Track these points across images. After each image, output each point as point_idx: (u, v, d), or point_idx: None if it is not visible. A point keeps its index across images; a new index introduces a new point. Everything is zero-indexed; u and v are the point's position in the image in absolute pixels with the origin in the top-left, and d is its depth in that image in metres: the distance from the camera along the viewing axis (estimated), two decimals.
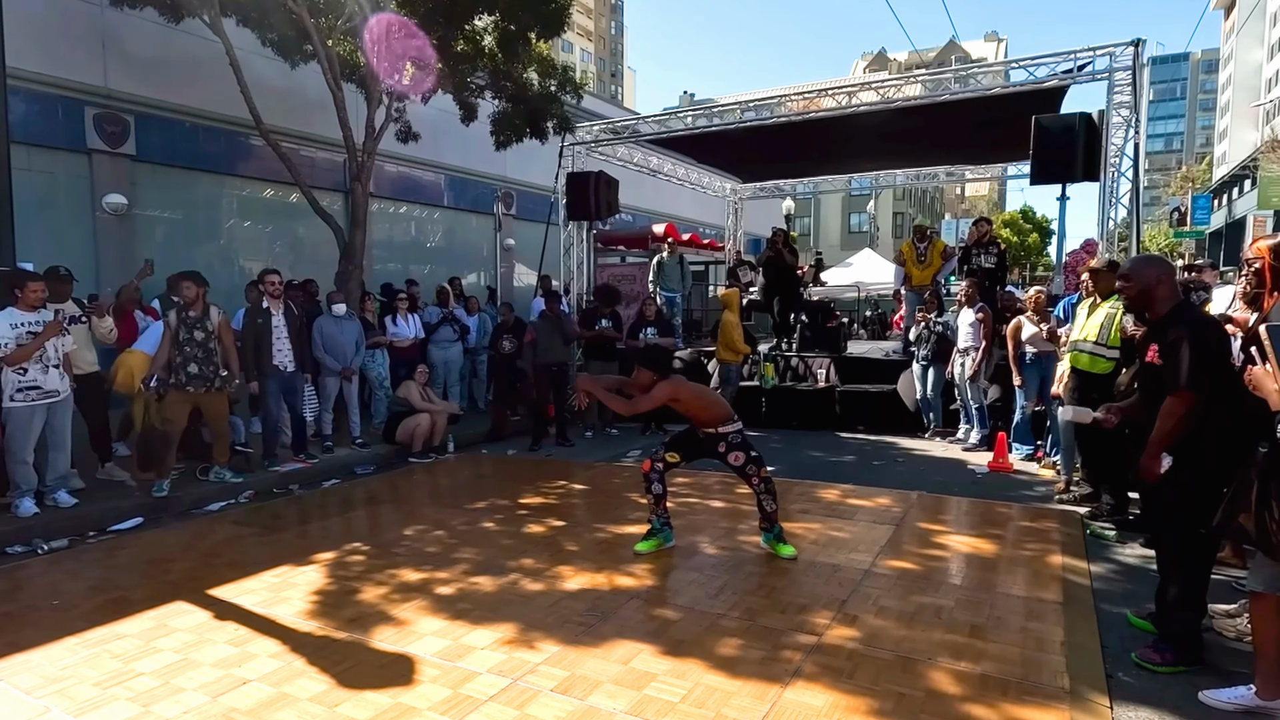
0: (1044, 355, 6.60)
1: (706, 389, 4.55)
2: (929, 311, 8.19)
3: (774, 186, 15.90)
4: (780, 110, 10.04)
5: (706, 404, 4.37)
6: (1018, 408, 7.08)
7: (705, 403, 4.37)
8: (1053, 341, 6.43)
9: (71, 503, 5.42)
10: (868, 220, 30.79)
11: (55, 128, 8.09)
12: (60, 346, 5.39)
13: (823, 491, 6.03)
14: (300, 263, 10.14)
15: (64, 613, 3.74)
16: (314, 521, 5.53)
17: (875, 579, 4.05)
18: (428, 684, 2.96)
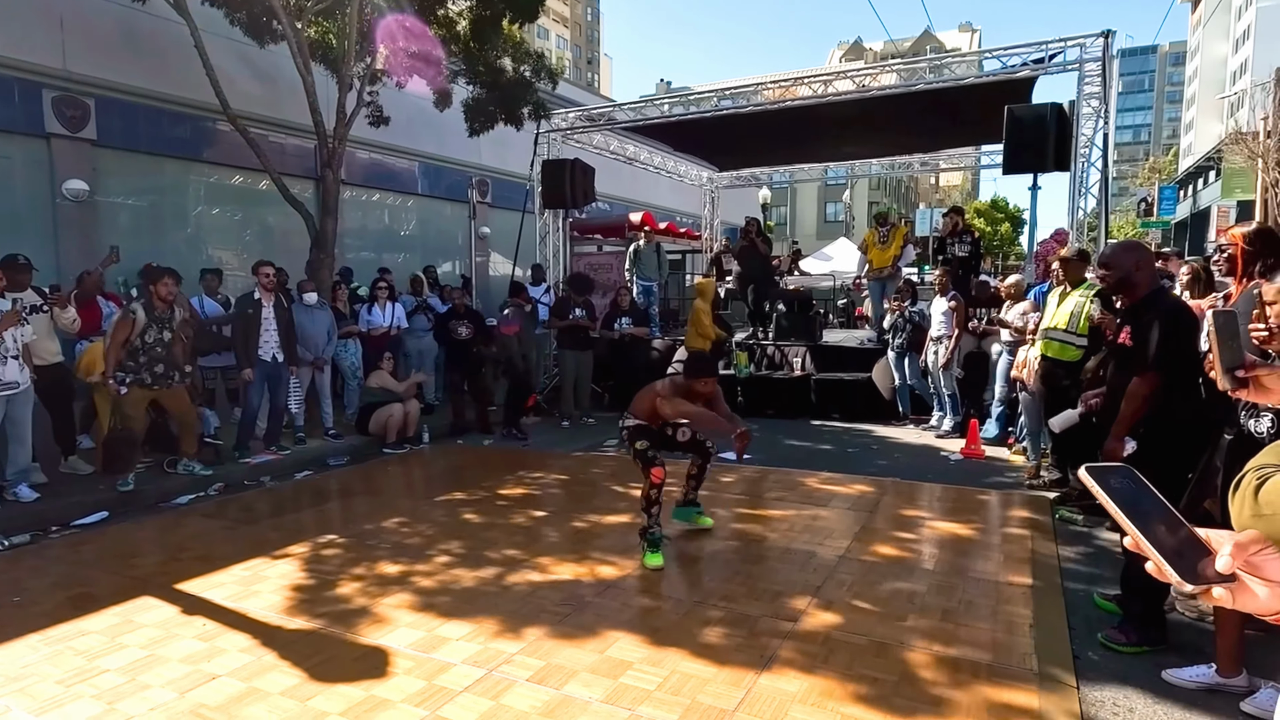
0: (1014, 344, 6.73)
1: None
2: (903, 300, 8.25)
3: (750, 175, 15.91)
4: (756, 98, 10.02)
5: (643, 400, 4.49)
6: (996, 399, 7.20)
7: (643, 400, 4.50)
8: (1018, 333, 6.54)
9: (33, 497, 5.28)
10: (843, 210, 30.96)
11: (12, 111, 7.84)
12: (19, 337, 5.23)
13: (799, 479, 6.07)
14: (269, 251, 9.90)
15: (26, 609, 3.64)
16: (286, 514, 5.44)
17: (850, 565, 4.08)
18: (402, 676, 2.93)
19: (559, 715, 2.63)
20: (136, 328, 5.65)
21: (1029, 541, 4.47)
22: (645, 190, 17.40)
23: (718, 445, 4.75)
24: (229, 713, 2.69)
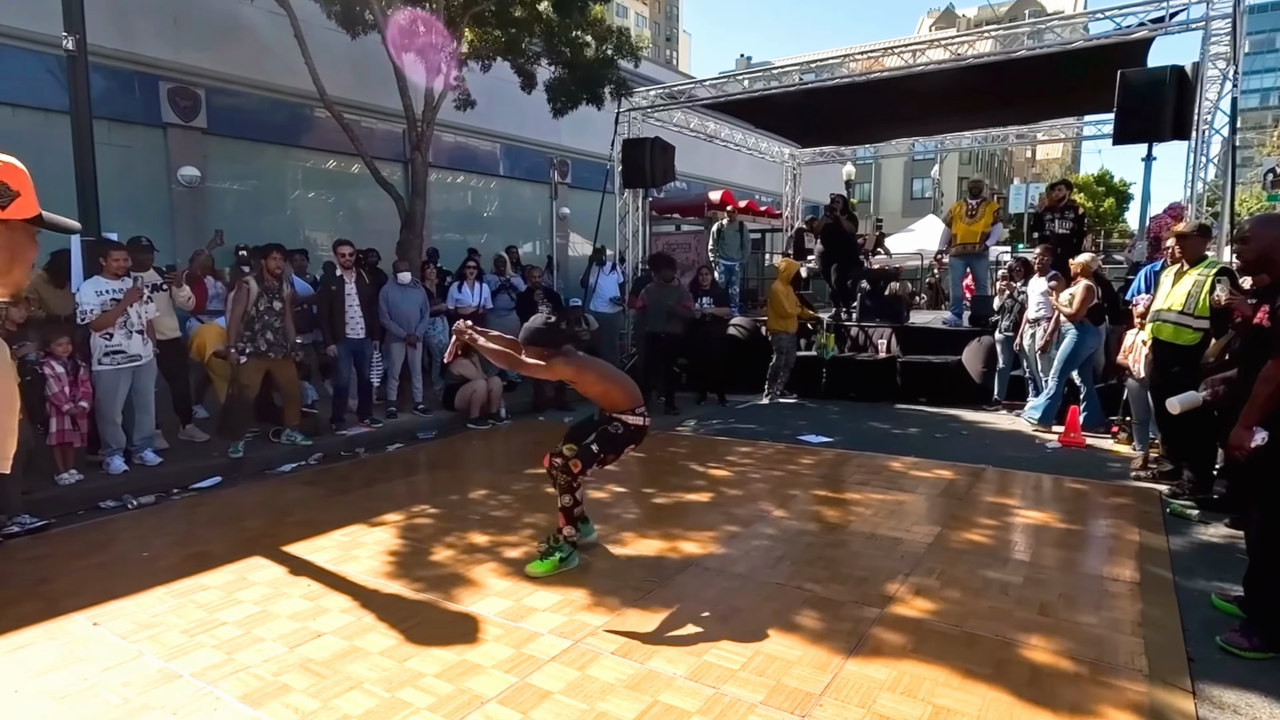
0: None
1: (614, 371, 3.98)
2: (1014, 280, 7.86)
3: (833, 151, 15.43)
4: (841, 71, 9.68)
5: (608, 388, 3.82)
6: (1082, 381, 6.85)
7: (606, 386, 3.82)
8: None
9: (157, 461, 5.72)
10: (931, 186, 29.71)
11: (133, 103, 8.40)
12: (143, 313, 5.65)
13: (883, 463, 5.92)
14: (361, 232, 10.32)
15: (153, 564, 3.96)
16: (379, 484, 5.70)
17: (940, 553, 3.96)
18: (491, 643, 3.03)
19: (644, 689, 2.67)
20: (250, 298, 6.01)
21: (1136, 535, 4.21)
22: (724, 168, 17.16)
23: (804, 430, 4.58)
24: (334, 668, 2.85)
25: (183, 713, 2.56)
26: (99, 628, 3.20)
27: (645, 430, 3.86)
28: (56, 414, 5.16)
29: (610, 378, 3.87)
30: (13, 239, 1.29)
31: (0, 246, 1.27)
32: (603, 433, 3.75)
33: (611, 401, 3.79)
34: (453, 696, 2.63)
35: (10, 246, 1.29)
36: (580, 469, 3.67)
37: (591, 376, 3.82)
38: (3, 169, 1.27)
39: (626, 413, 3.77)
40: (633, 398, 3.81)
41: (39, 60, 7.45)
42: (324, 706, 2.58)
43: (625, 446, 3.81)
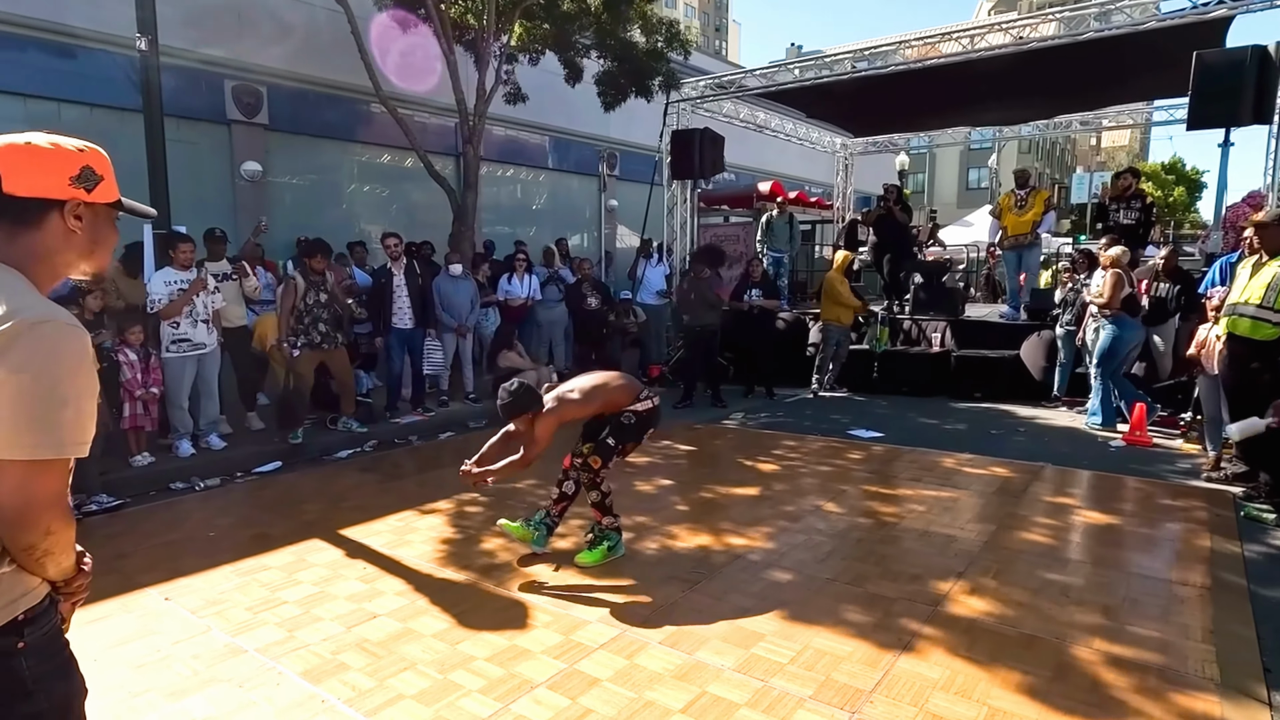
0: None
1: (597, 380, 3.79)
2: (1078, 272, 7.58)
3: (886, 141, 15.11)
4: (895, 59, 9.45)
5: (606, 398, 3.71)
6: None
7: (605, 398, 3.71)
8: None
9: (221, 446, 5.95)
10: (988, 176, 28.79)
11: (200, 101, 8.71)
12: (210, 303, 5.87)
13: (936, 459, 5.79)
14: (415, 225, 10.55)
15: (218, 544, 4.12)
16: (431, 471, 5.82)
17: (995, 552, 3.85)
18: (541, 629, 3.08)
19: (692, 680, 2.67)
20: (298, 293, 6.19)
21: (1207, 539, 4.03)
22: (773, 159, 16.95)
23: (853, 425, 4.53)
24: (388, 648, 2.93)
25: (248, 685, 2.67)
26: (170, 602, 3.35)
27: (658, 411, 3.82)
28: (130, 399, 5.42)
29: (600, 388, 3.72)
30: (96, 222, 1.34)
31: (85, 228, 1.32)
32: (616, 425, 3.70)
33: (617, 405, 3.72)
34: (503, 680, 2.68)
35: (94, 229, 1.34)
36: (600, 464, 3.67)
37: (584, 403, 3.66)
38: (90, 154, 1.32)
39: (632, 404, 3.72)
40: (631, 390, 3.74)
41: (114, 61, 7.78)
42: (379, 685, 2.66)
43: (643, 433, 3.77)
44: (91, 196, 1.31)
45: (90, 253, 1.35)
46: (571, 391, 3.70)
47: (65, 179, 1.27)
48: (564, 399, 3.65)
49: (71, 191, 1.28)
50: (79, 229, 1.30)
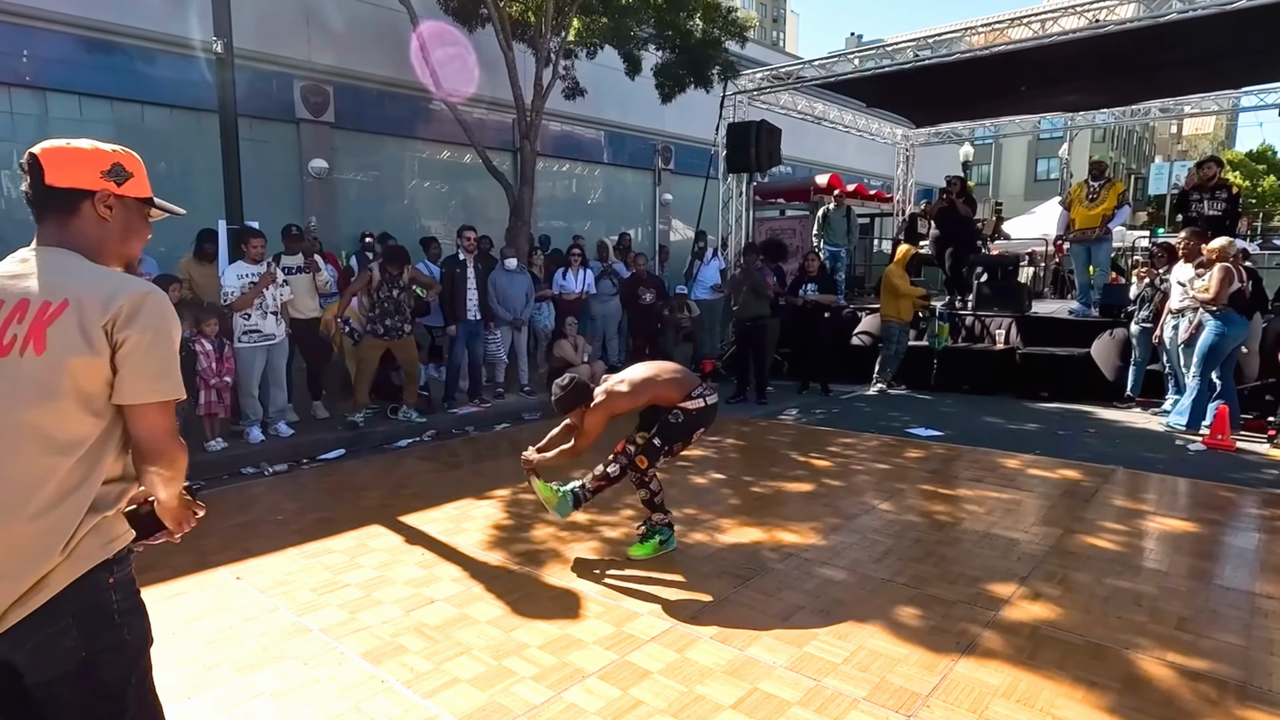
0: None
1: (647, 372, 3.75)
2: (1156, 266, 7.23)
3: (949, 131, 14.64)
4: (960, 46, 9.13)
5: (655, 393, 3.67)
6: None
7: (654, 393, 3.67)
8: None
9: (289, 433, 6.19)
10: (1059, 166, 27.58)
11: (270, 101, 9.04)
12: (279, 296, 6.10)
13: (999, 459, 5.61)
14: (472, 219, 10.68)
15: (286, 527, 4.29)
16: (487, 461, 5.93)
17: (1061, 557, 3.71)
18: (593, 619, 3.11)
19: (743, 675, 2.65)
20: (373, 284, 6.38)
21: None
22: (831, 151, 16.65)
23: (912, 423, 4.41)
24: (445, 633, 3.00)
25: (313, 663, 2.77)
26: (241, 581, 3.51)
27: (711, 410, 3.74)
28: (205, 387, 5.68)
29: (649, 382, 3.69)
30: (128, 215, 1.52)
31: (117, 220, 1.49)
32: (663, 424, 3.66)
33: (668, 400, 3.68)
34: (555, 668, 2.72)
35: (126, 221, 1.51)
36: (647, 464, 3.64)
37: (633, 396, 3.64)
38: (123, 155, 1.50)
39: (684, 401, 3.66)
40: (684, 386, 3.68)
41: (192, 65, 8.14)
42: (436, 669, 2.73)
43: (694, 431, 3.72)
44: (121, 190, 1.49)
45: (123, 241, 1.52)
46: (621, 384, 3.70)
47: (97, 172, 1.46)
48: (612, 392, 3.67)
49: (102, 183, 1.46)
50: (109, 217, 1.48)
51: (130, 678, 1.44)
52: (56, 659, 1.35)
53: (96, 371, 1.36)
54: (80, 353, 1.34)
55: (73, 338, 1.33)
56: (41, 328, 1.34)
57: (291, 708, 2.50)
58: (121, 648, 1.41)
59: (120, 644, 1.41)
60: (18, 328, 1.35)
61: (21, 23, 7.29)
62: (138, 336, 1.37)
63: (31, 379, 1.33)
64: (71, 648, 1.35)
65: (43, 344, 1.34)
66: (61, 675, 1.36)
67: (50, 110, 7.68)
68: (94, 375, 1.36)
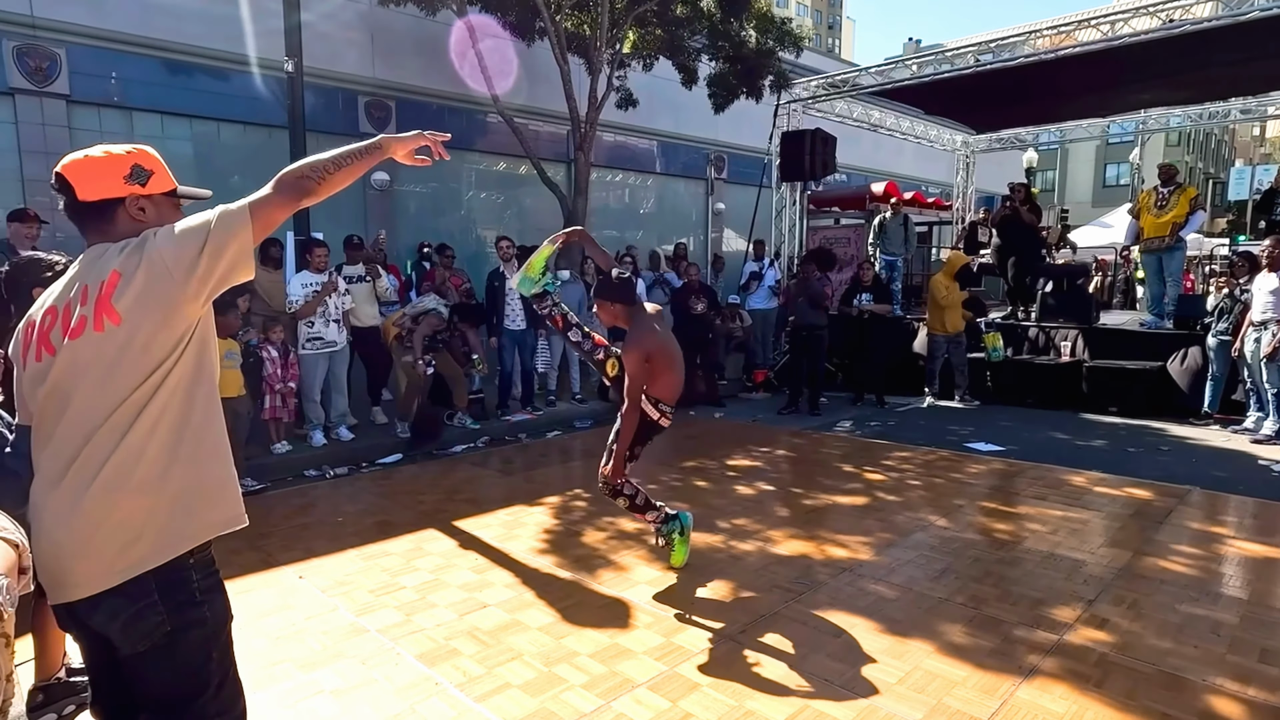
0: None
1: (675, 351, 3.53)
2: (1237, 276, 6.89)
3: (1012, 137, 14.25)
4: (1024, 50, 8.88)
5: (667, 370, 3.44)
6: None
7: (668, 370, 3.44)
8: None
9: (350, 437, 6.39)
10: (1129, 172, 26.51)
11: (335, 116, 9.38)
12: (340, 304, 6.31)
13: (1063, 476, 5.40)
14: (527, 230, 10.92)
15: (345, 528, 4.42)
16: (539, 468, 6.01)
17: (1131, 580, 3.55)
18: (642, 629, 3.11)
19: (795, 691, 2.61)
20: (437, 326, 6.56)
21: None
22: (888, 158, 16.37)
23: (971, 437, 4.27)
24: (497, 638, 3.04)
25: (371, 663, 2.85)
26: (303, 581, 3.63)
27: (660, 428, 3.55)
28: (270, 392, 5.91)
29: (675, 359, 3.50)
30: (159, 210, 1.58)
31: (150, 218, 1.55)
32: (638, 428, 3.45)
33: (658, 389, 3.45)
34: (605, 677, 2.73)
35: (159, 216, 1.57)
36: (612, 473, 3.48)
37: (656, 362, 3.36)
38: (137, 154, 1.56)
39: (652, 403, 3.45)
40: (672, 389, 3.48)
41: (263, 83, 8.52)
42: (488, 673, 2.77)
43: (645, 439, 3.52)
44: (147, 189, 1.55)
45: None
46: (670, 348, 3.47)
47: (120, 179, 1.52)
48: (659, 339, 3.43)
49: (128, 188, 1.52)
50: (143, 218, 1.54)
51: (213, 652, 1.52)
52: (145, 633, 1.44)
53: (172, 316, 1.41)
54: (147, 308, 1.40)
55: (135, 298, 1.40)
56: (106, 301, 1.41)
57: (350, 706, 2.57)
58: (203, 624, 1.50)
59: (201, 620, 1.50)
60: (84, 309, 1.43)
61: (112, 47, 7.76)
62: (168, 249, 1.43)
63: (114, 349, 1.40)
64: (158, 623, 1.44)
65: (116, 315, 1.41)
66: (149, 650, 1.45)
67: (135, 128, 8.12)
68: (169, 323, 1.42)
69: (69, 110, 7.64)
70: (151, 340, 1.41)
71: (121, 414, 1.41)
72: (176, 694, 1.50)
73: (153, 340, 1.41)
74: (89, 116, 7.84)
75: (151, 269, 1.41)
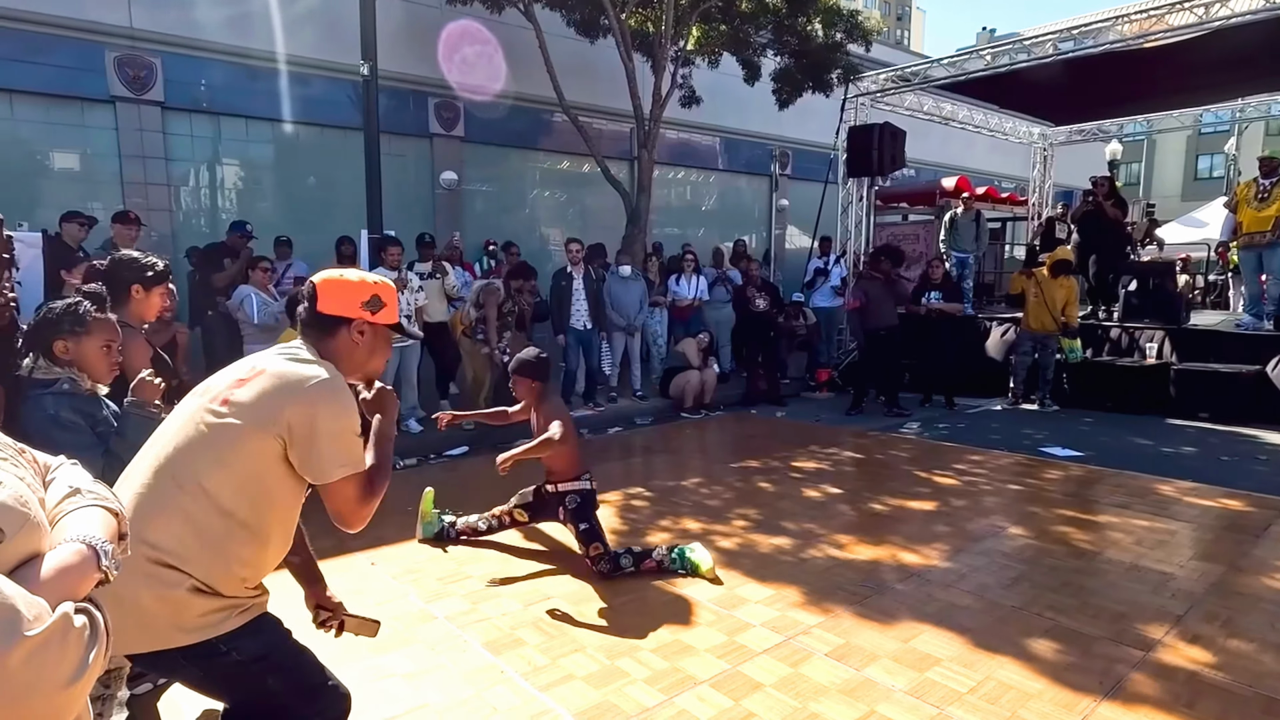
0: None
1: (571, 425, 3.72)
2: None
3: (1095, 129, 13.57)
4: (1109, 36, 8.46)
5: (568, 449, 3.65)
6: None
7: (568, 447, 3.65)
8: None
9: (418, 430, 6.57)
10: (1224, 163, 24.89)
11: (407, 117, 9.67)
12: (413, 301, 6.49)
13: (1149, 484, 5.13)
14: (589, 228, 11.02)
15: (415, 518, 4.54)
16: (600, 464, 6.01)
17: (1224, 596, 3.35)
18: (705, 627, 3.10)
19: (860, 696, 2.57)
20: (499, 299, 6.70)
21: None
22: (958, 152, 15.85)
23: (1046, 442, 4.10)
24: (561, 629, 3.09)
25: (439, 649, 2.93)
26: (375, 567, 3.76)
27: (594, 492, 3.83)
28: None
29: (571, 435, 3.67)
30: (376, 339, 1.75)
31: (365, 343, 1.72)
32: (575, 510, 3.66)
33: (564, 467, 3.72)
34: (667, 673, 2.73)
35: (373, 344, 1.74)
36: (601, 550, 3.57)
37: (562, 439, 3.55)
38: (379, 286, 1.74)
39: (574, 481, 3.72)
40: (581, 464, 3.77)
41: (339, 87, 8.84)
42: (552, 663, 2.81)
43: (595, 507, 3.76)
44: (375, 319, 1.72)
45: (368, 360, 1.76)
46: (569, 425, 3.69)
47: (359, 304, 1.70)
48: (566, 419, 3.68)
49: (360, 313, 1.70)
50: (360, 342, 1.71)
51: (250, 668, 1.59)
52: (182, 679, 1.67)
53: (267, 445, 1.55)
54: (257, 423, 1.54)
55: (252, 405, 1.55)
56: (236, 385, 1.58)
57: (420, 689, 2.65)
58: (232, 663, 1.56)
59: (231, 662, 1.56)
60: (233, 391, 1.58)
61: (202, 55, 8.18)
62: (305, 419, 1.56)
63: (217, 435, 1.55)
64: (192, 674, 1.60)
65: (228, 402, 1.56)
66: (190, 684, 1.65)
67: (222, 133, 8.56)
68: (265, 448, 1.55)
69: (163, 116, 8.10)
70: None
71: None
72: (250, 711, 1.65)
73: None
74: (181, 122, 8.30)
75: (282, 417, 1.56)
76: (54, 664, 0.78)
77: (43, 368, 2.19)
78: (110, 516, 0.99)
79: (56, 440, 2.08)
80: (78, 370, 2.22)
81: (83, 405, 2.20)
